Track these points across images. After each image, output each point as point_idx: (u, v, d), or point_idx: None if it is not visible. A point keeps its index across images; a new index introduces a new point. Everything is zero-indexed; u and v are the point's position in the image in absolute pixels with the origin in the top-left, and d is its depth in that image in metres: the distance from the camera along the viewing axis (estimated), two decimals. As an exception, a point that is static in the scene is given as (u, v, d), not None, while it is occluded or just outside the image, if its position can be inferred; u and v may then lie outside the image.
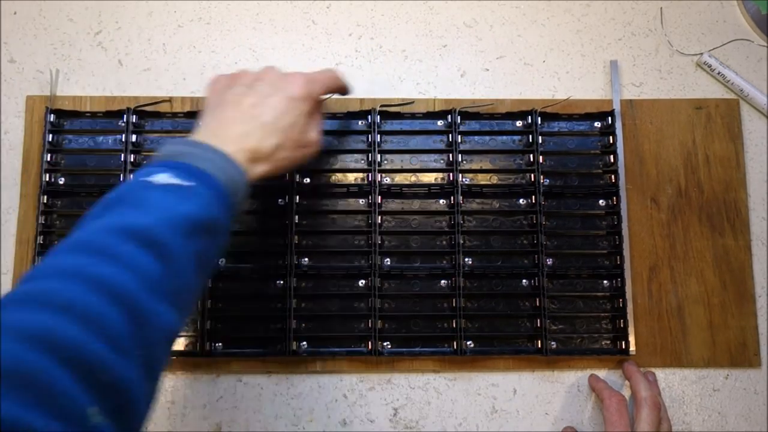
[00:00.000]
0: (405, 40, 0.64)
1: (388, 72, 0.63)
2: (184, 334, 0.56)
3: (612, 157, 0.60)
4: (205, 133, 0.45)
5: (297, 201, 0.58)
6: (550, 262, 0.59)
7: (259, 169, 0.45)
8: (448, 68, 0.64)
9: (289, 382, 0.58)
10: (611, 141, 0.60)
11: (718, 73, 0.63)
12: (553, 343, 0.57)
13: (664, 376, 0.59)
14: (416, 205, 0.60)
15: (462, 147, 0.60)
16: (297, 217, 0.58)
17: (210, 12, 0.64)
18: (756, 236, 0.61)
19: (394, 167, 0.60)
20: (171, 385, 0.57)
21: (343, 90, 0.54)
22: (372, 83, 0.63)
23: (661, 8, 0.66)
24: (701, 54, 0.64)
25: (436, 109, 0.61)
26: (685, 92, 0.64)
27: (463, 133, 0.60)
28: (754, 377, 0.59)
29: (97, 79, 0.62)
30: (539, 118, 0.60)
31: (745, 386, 0.59)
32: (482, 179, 0.60)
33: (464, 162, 0.60)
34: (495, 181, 0.60)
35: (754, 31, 0.65)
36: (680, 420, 0.58)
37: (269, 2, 0.65)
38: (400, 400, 0.58)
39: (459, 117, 0.60)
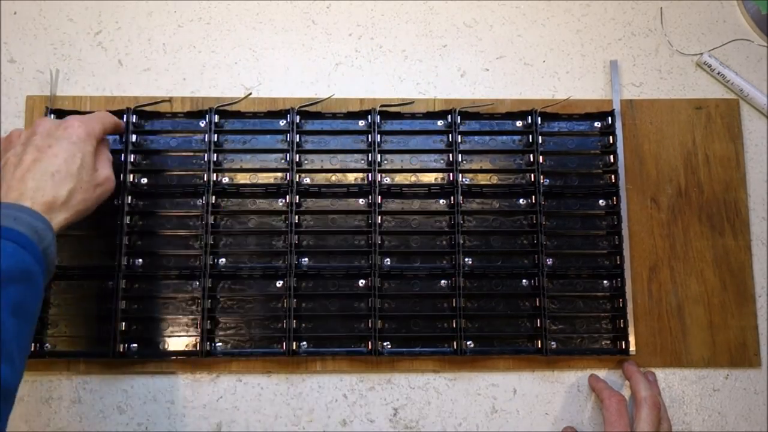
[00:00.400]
0: (405, 40, 0.64)
1: (388, 72, 0.63)
2: (185, 334, 0.57)
3: (612, 157, 0.60)
4: None
5: (297, 201, 0.58)
6: (550, 262, 0.59)
7: (61, 217, 0.46)
8: (448, 68, 0.64)
9: (289, 382, 0.58)
10: (611, 141, 0.60)
11: (718, 73, 0.63)
12: (553, 343, 0.57)
13: (664, 376, 0.59)
14: (416, 205, 0.60)
15: (462, 147, 0.60)
16: (297, 217, 0.58)
17: (210, 12, 0.64)
18: (756, 236, 0.61)
19: (394, 167, 0.60)
20: (171, 385, 0.57)
21: (118, 128, 0.55)
22: (372, 83, 0.63)
23: (661, 8, 0.66)
24: (701, 54, 0.64)
25: (436, 109, 0.61)
26: (685, 92, 0.64)
27: (463, 133, 0.60)
28: (754, 377, 0.59)
29: (97, 79, 0.62)
30: (539, 118, 0.60)
31: (745, 386, 0.59)
32: (482, 179, 0.60)
33: (464, 162, 0.60)
34: (495, 181, 0.60)
35: (754, 31, 0.65)
36: (680, 420, 0.58)
37: (269, 2, 0.65)
38: (400, 400, 0.58)
39: (459, 117, 0.60)
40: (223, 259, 0.58)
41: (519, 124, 0.61)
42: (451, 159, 0.60)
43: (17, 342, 0.39)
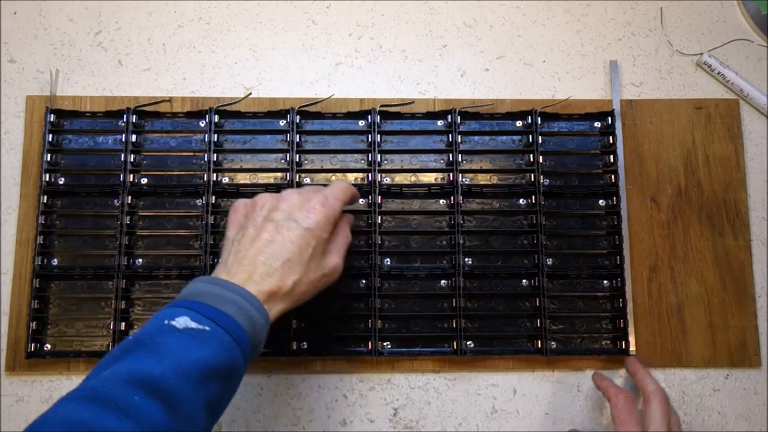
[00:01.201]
0: (405, 40, 0.64)
1: (388, 72, 0.63)
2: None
3: (612, 157, 0.60)
4: (227, 271, 0.45)
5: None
6: (550, 262, 0.59)
7: (280, 307, 0.45)
8: (448, 68, 0.64)
9: (289, 382, 0.58)
10: (611, 141, 0.60)
11: (718, 73, 0.63)
12: (553, 343, 0.58)
13: (664, 376, 0.59)
14: (416, 205, 0.60)
15: (462, 147, 0.60)
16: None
17: (210, 12, 0.64)
18: (756, 236, 0.61)
19: (394, 167, 0.60)
20: (171, 385, 0.57)
21: (355, 198, 0.53)
22: (372, 83, 0.63)
23: (661, 8, 0.66)
24: (701, 54, 0.64)
25: (436, 109, 0.61)
26: (685, 92, 0.64)
27: (463, 133, 0.60)
28: (754, 377, 0.59)
29: (97, 79, 0.62)
30: (539, 118, 0.60)
31: (745, 386, 0.59)
32: (482, 179, 0.60)
33: (464, 162, 0.60)
34: (495, 181, 0.60)
35: (754, 31, 0.65)
36: (680, 420, 0.58)
37: (269, 2, 0.65)
38: (400, 400, 0.58)
39: (459, 117, 0.60)
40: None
41: (519, 124, 0.61)
42: (451, 159, 0.60)
43: None
